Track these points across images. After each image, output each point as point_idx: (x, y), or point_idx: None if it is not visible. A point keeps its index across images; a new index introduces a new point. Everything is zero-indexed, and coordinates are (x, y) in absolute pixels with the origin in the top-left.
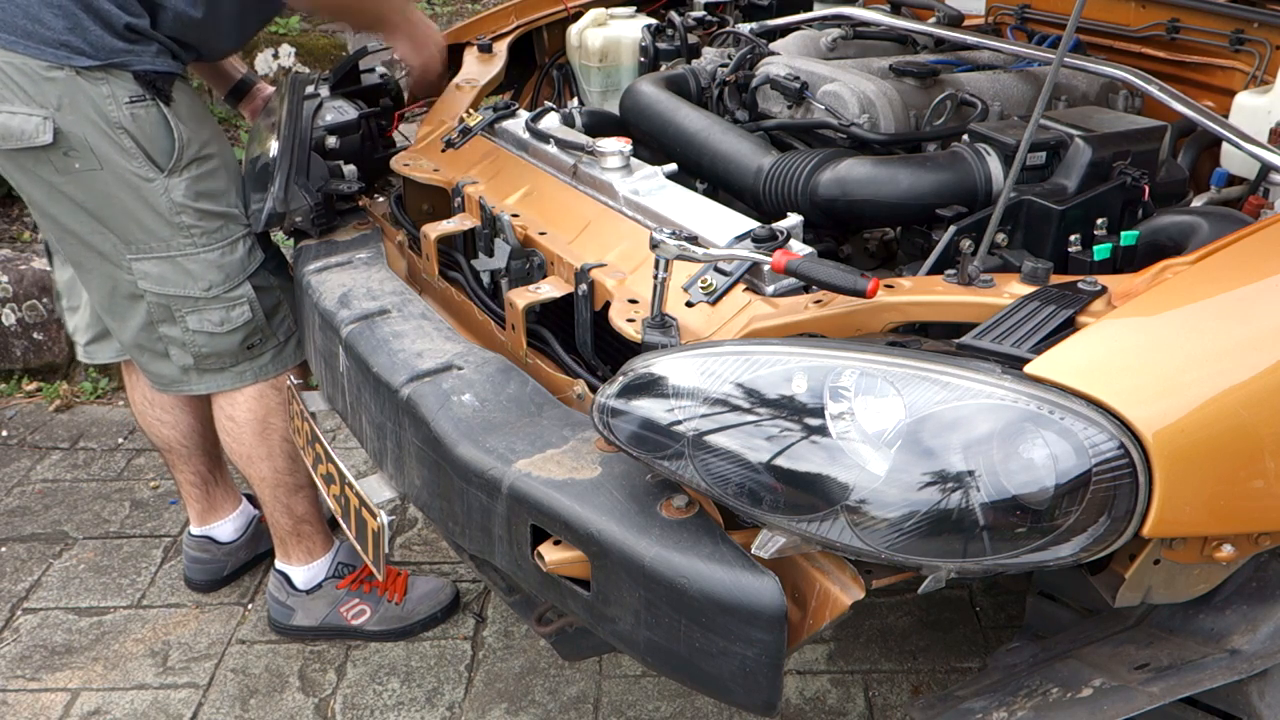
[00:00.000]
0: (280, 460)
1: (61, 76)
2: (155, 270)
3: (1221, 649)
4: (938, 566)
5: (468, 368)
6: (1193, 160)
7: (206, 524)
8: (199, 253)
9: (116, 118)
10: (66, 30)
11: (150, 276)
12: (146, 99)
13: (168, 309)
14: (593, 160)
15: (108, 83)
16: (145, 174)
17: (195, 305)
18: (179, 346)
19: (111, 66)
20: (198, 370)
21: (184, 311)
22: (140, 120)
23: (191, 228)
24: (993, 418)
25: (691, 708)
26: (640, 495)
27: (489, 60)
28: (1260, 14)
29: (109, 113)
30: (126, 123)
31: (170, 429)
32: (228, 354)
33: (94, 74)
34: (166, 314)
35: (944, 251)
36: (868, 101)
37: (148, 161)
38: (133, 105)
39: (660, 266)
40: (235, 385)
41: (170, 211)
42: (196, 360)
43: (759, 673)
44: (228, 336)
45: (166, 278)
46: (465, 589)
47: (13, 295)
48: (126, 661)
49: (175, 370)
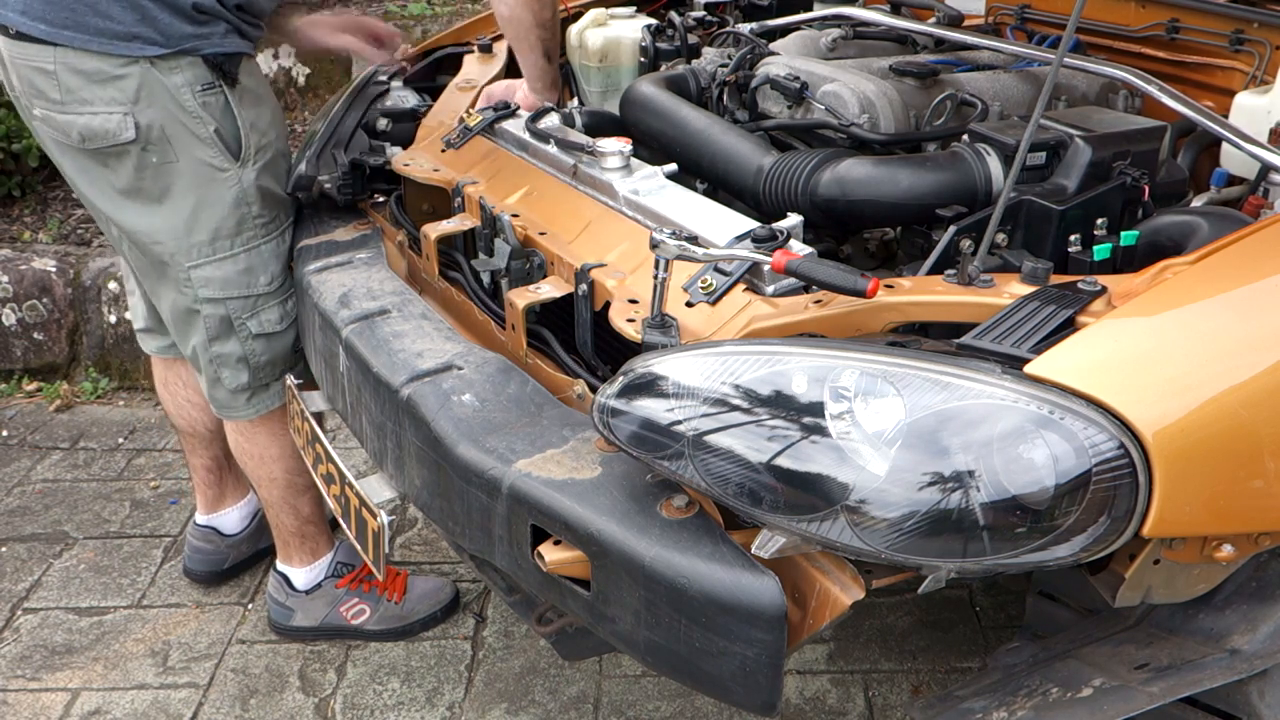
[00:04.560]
0: (292, 460)
1: (136, 70)
2: (218, 274)
3: (1221, 649)
4: (938, 566)
5: (468, 368)
6: (1193, 160)
7: (214, 512)
8: (260, 244)
9: (193, 106)
10: (136, 22)
11: (213, 282)
12: (215, 86)
13: (227, 320)
14: (593, 160)
15: (181, 71)
16: (220, 164)
17: (256, 306)
18: (232, 365)
19: (183, 53)
20: (252, 388)
21: (244, 317)
22: (211, 108)
23: (257, 218)
24: (993, 418)
25: (691, 708)
26: (640, 495)
27: (489, 60)
28: (1260, 14)
29: (185, 102)
30: (200, 112)
31: (200, 411)
32: (283, 360)
33: (168, 63)
34: (225, 327)
35: (944, 251)
36: (868, 101)
37: (224, 151)
38: (205, 92)
39: (660, 266)
40: (277, 405)
41: (239, 202)
42: (254, 374)
43: (759, 673)
44: (284, 335)
45: (230, 280)
46: (465, 589)
47: (13, 295)
48: (126, 661)
49: (225, 394)
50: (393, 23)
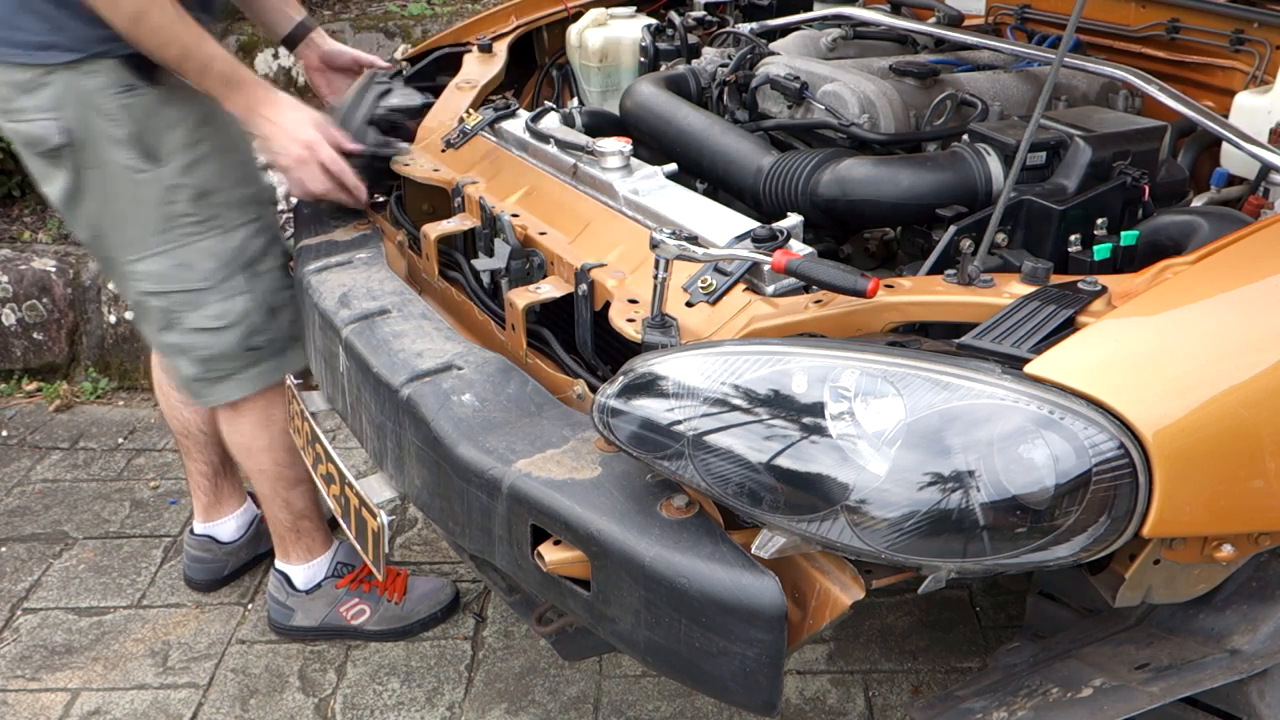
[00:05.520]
0: (281, 453)
1: (56, 77)
2: (154, 269)
3: (1221, 649)
4: (938, 566)
5: (468, 368)
6: (1193, 160)
7: (211, 520)
8: (193, 241)
9: (109, 109)
10: (48, 31)
11: (150, 276)
12: (137, 87)
13: (169, 312)
14: (593, 160)
15: (98, 74)
16: (138, 165)
17: (193, 301)
18: (182, 354)
19: (98, 56)
20: (207, 380)
21: (185, 310)
22: (133, 109)
23: (185, 216)
24: (993, 418)
25: (691, 708)
26: (640, 495)
27: (489, 60)
28: (1260, 14)
29: (102, 105)
30: (118, 114)
31: (194, 413)
32: (232, 356)
33: (85, 67)
34: (169, 319)
35: (944, 251)
36: (868, 101)
37: (140, 153)
38: (124, 95)
39: (660, 266)
40: (244, 393)
41: (163, 201)
42: (204, 366)
43: (759, 673)
44: (226, 333)
45: (166, 275)
46: (465, 589)
47: (13, 295)
48: (126, 661)
49: (185, 381)
50: (392, 23)
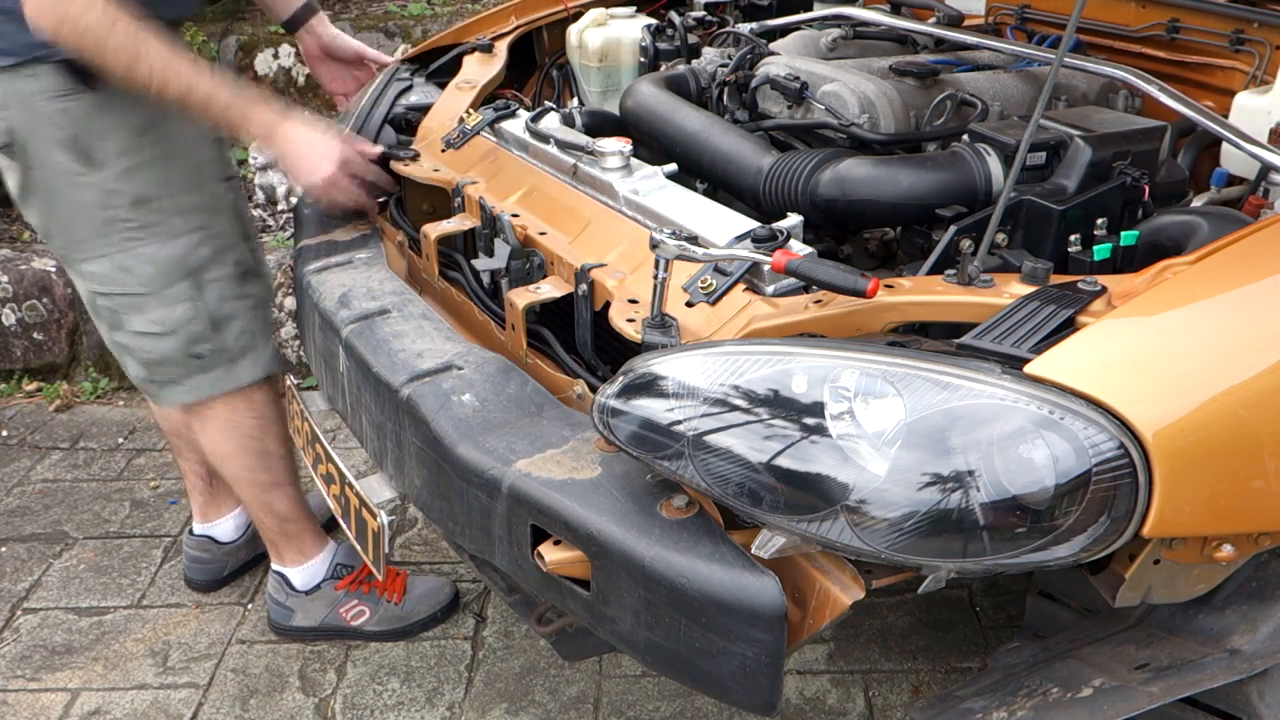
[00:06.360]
0: (249, 457)
1: None
2: (99, 270)
3: (1221, 649)
4: (938, 566)
5: (468, 368)
6: (1193, 160)
7: (209, 520)
8: (133, 246)
9: (48, 112)
10: None
11: (95, 277)
12: (75, 91)
13: (115, 312)
14: (593, 160)
15: (36, 78)
16: (76, 168)
17: (135, 305)
18: (129, 355)
19: (36, 60)
20: (154, 382)
21: (128, 312)
22: (72, 113)
23: (125, 221)
24: (993, 418)
25: (691, 708)
26: (640, 495)
27: (489, 60)
28: (1260, 14)
29: (40, 108)
30: (57, 118)
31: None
32: (175, 362)
33: (23, 71)
34: (115, 319)
35: (944, 251)
36: (868, 101)
37: (77, 156)
38: (62, 99)
39: (660, 266)
40: (194, 398)
41: (102, 205)
42: (149, 369)
43: (759, 673)
44: (168, 339)
45: (109, 277)
46: (465, 589)
47: (13, 295)
48: (126, 661)
49: (135, 380)
50: (392, 23)
